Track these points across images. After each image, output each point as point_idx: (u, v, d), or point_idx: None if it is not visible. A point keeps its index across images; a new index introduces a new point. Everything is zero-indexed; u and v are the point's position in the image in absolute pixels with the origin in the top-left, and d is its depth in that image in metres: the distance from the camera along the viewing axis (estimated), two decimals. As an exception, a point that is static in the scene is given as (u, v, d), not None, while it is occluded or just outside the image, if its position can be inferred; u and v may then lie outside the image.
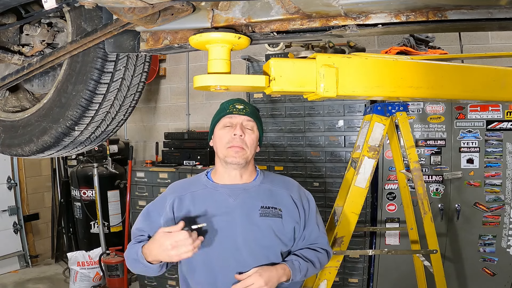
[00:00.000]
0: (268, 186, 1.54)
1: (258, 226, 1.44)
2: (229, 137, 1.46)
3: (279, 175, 1.67)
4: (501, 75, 1.29)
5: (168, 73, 4.74)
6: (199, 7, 1.11)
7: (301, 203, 1.55)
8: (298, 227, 1.52)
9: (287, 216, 1.48)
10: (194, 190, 1.52)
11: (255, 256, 1.42)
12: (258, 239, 1.43)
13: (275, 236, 1.45)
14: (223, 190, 1.49)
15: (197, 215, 1.46)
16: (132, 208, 3.96)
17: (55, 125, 1.53)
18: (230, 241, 1.42)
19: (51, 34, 1.67)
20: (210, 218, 1.44)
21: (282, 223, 1.47)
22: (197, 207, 1.47)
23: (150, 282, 3.88)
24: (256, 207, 1.46)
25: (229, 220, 1.44)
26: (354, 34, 1.12)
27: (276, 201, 1.50)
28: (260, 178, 1.55)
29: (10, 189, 4.74)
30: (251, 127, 1.49)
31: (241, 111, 1.47)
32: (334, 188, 3.22)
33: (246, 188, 1.50)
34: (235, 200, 1.46)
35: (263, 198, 1.49)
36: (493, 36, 3.55)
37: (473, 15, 0.99)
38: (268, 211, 1.46)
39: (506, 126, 2.92)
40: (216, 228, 1.43)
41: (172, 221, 1.45)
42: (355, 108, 3.21)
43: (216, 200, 1.47)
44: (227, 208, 1.45)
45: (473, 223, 2.99)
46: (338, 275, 2.77)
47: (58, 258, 5.00)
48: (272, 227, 1.45)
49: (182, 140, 4.01)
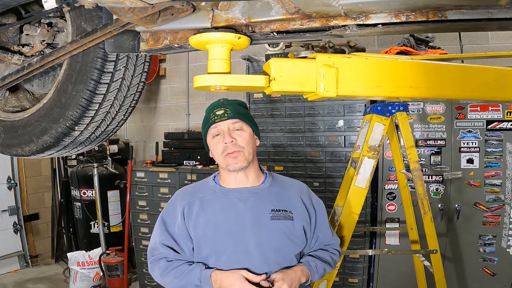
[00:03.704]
0: (277, 188, 1.53)
1: (269, 230, 1.43)
2: (222, 146, 1.46)
3: (287, 177, 1.66)
4: (501, 75, 1.29)
5: (168, 73, 4.74)
6: (199, 7, 1.11)
7: (310, 204, 1.55)
8: (309, 228, 1.52)
9: (297, 218, 1.48)
10: (203, 195, 1.51)
11: (267, 260, 1.42)
12: (270, 242, 1.43)
13: (287, 239, 1.45)
14: (232, 195, 1.48)
15: (207, 220, 1.46)
16: (132, 208, 3.96)
17: (55, 125, 1.53)
18: (242, 246, 1.42)
19: (51, 34, 1.66)
20: (221, 224, 1.44)
21: (293, 225, 1.46)
22: (207, 212, 1.47)
23: (150, 282, 3.88)
24: (267, 211, 1.45)
25: (240, 225, 1.43)
26: (354, 34, 1.12)
27: (286, 203, 1.49)
28: (269, 180, 1.55)
29: (10, 189, 4.74)
30: (239, 127, 1.48)
31: (222, 117, 1.46)
32: (334, 188, 3.22)
33: (256, 191, 1.50)
34: (245, 204, 1.46)
35: (273, 201, 1.49)
36: (493, 36, 3.55)
37: (473, 15, 0.99)
38: (279, 214, 1.45)
39: (506, 126, 2.91)
40: (228, 233, 1.43)
41: (184, 229, 1.47)
42: (355, 108, 3.21)
43: (226, 205, 1.47)
44: (238, 212, 1.45)
45: (473, 223, 2.99)
46: (338, 275, 2.78)
47: (58, 258, 5.00)
48: (283, 230, 1.45)
49: (182, 140, 4.00)
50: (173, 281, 1.44)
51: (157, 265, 1.48)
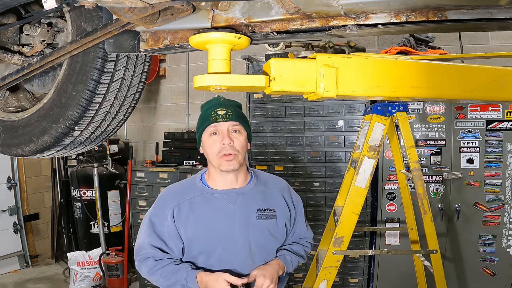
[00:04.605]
0: (262, 188, 1.60)
1: (256, 228, 1.52)
2: (219, 146, 1.48)
3: (269, 175, 1.73)
4: (501, 75, 1.29)
5: (168, 73, 4.74)
6: (199, 7, 1.11)
7: (291, 201, 1.65)
8: (289, 224, 1.63)
9: (280, 216, 1.58)
10: (192, 196, 1.54)
11: (253, 256, 1.51)
12: (256, 240, 1.52)
13: (271, 236, 1.56)
14: (221, 196, 1.53)
15: (198, 221, 1.49)
16: (132, 208, 3.96)
17: (55, 125, 1.53)
18: (232, 244, 1.49)
19: (51, 34, 1.66)
20: (211, 224, 1.49)
21: (276, 223, 1.56)
22: (197, 214, 1.51)
23: (150, 282, 3.87)
24: (253, 210, 1.53)
25: (229, 225, 1.50)
26: (354, 34, 1.12)
27: (270, 202, 1.58)
28: (254, 180, 1.61)
29: (10, 189, 4.74)
30: (238, 130, 1.50)
31: (224, 118, 1.48)
32: (334, 188, 3.23)
33: (243, 192, 1.56)
34: (234, 205, 1.52)
35: (258, 200, 1.56)
36: (493, 36, 3.55)
37: (473, 15, 0.99)
38: (264, 214, 1.54)
39: (506, 126, 2.91)
40: (218, 233, 1.49)
41: (174, 230, 1.50)
42: (355, 108, 3.21)
43: (216, 206, 1.52)
44: (227, 213, 1.51)
45: (473, 223, 2.99)
46: (338, 275, 2.77)
47: (58, 258, 5.00)
48: (268, 228, 1.55)
49: (182, 140, 4.01)
50: (159, 280, 1.50)
51: (144, 264, 1.53)
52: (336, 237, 2.06)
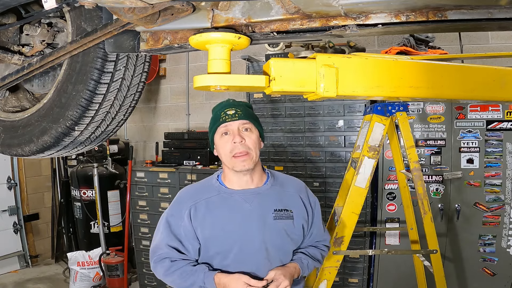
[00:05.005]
0: (278, 188, 1.58)
1: (272, 229, 1.50)
2: (231, 145, 1.47)
3: (286, 176, 1.71)
4: (501, 75, 1.29)
5: (168, 73, 4.74)
6: (199, 7, 1.11)
7: (308, 202, 1.62)
8: (306, 225, 1.60)
9: (297, 217, 1.55)
10: (208, 196, 1.53)
11: (269, 257, 1.49)
12: (273, 241, 1.50)
13: (288, 237, 1.53)
14: (237, 196, 1.52)
15: (215, 221, 1.49)
16: (132, 208, 3.96)
17: (55, 125, 1.53)
18: (249, 245, 1.48)
19: (51, 34, 1.66)
20: (228, 224, 1.48)
21: (293, 224, 1.54)
22: (214, 214, 1.50)
23: (150, 282, 3.89)
24: (270, 211, 1.51)
25: (246, 225, 1.48)
26: (354, 34, 1.12)
27: (287, 203, 1.56)
28: (271, 180, 1.59)
29: (10, 189, 4.74)
30: (248, 128, 1.50)
31: (234, 117, 1.48)
32: (334, 188, 3.22)
33: (259, 192, 1.54)
34: (251, 205, 1.50)
35: (275, 201, 1.54)
36: (493, 36, 3.55)
37: (473, 15, 0.99)
38: (281, 214, 1.52)
39: (506, 126, 2.91)
40: (235, 233, 1.48)
41: (191, 230, 1.49)
42: (355, 108, 3.21)
43: (232, 206, 1.51)
44: (244, 213, 1.49)
45: (473, 223, 2.99)
46: (338, 275, 2.77)
47: (58, 258, 5.00)
48: (285, 229, 1.52)
49: (182, 140, 4.00)
50: (176, 281, 1.48)
51: (160, 264, 1.51)
52: (336, 237, 2.06)
